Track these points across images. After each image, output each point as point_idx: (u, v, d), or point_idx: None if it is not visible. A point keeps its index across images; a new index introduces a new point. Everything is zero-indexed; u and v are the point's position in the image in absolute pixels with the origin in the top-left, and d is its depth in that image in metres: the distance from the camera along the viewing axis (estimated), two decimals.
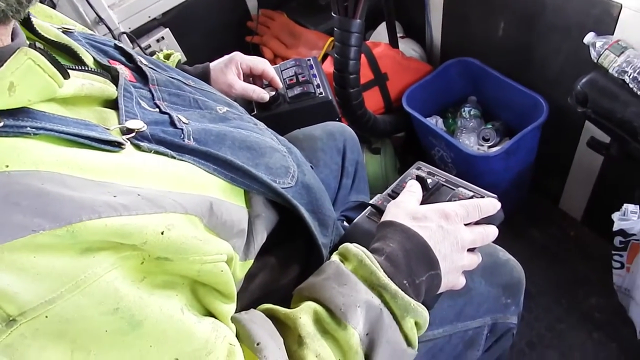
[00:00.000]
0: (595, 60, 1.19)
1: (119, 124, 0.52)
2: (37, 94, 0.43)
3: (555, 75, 1.37)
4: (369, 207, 0.75)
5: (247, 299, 0.66)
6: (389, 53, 1.56)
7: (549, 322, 1.41)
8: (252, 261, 0.62)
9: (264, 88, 0.98)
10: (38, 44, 0.46)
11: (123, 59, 0.67)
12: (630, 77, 1.14)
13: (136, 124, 0.52)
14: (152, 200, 0.44)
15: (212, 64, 0.96)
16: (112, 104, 0.56)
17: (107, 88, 0.56)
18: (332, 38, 1.60)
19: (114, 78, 0.60)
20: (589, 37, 1.19)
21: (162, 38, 1.56)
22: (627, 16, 1.13)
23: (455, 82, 1.60)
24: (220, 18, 1.70)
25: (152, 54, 1.53)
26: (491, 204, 0.66)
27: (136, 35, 1.51)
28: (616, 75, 1.16)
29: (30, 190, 0.37)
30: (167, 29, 1.56)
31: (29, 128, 0.41)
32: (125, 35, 1.47)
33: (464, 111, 1.58)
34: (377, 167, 1.63)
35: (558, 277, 1.49)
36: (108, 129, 0.50)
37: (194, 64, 0.99)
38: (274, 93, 0.97)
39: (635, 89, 1.14)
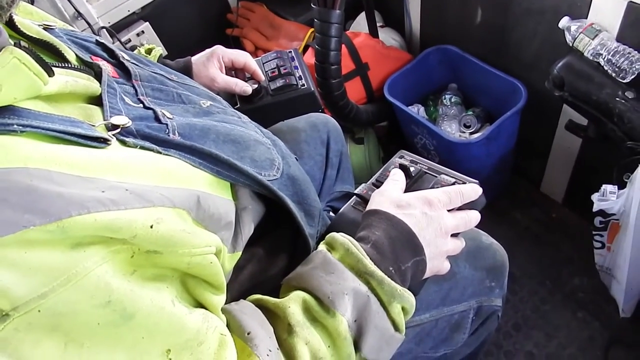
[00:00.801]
0: (571, 44, 1.21)
1: (104, 120, 0.52)
2: (23, 92, 0.43)
3: (532, 59, 1.39)
4: (354, 196, 0.76)
5: (237, 290, 0.66)
6: (369, 43, 1.56)
7: (534, 304, 1.45)
8: (240, 253, 0.63)
9: (246, 81, 0.98)
10: (23, 43, 0.46)
11: (105, 54, 0.67)
12: (605, 59, 1.16)
13: (121, 119, 0.53)
14: (141, 195, 0.44)
15: (194, 58, 0.96)
16: (96, 101, 0.56)
17: (90, 85, 0.56)
18: (312, 29, 1.61)
19: (97, 74, 0.60)
20: (564, 21, 1.21)
21: (142, 32, 1.55)
22: (600, 1, 1.15)
23: (435, 70, 1.62)
24: (200, 11, 1.70)
25: (132, 48, 1.51)
26: (473, 190, 0.68)
27: (116, 29, 1.50)
28: (591, 58, 1.18)
29: (19, 187, 0.38)
30: (147, 22, 1.55)
31: (15, 126, 0.41)
32: (105, 29, 1.46)
33: (445, 99, 1.60)
34: (361, 157, 1.64)
35: (541, 259, 1.53)
36: (93, 126, 0.50)
37: (175, 57, 0.99)
38: (256, 86, 0.97)
39: (609, 71, 1.16)
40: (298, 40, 1.63)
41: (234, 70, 1.01)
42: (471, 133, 1.54)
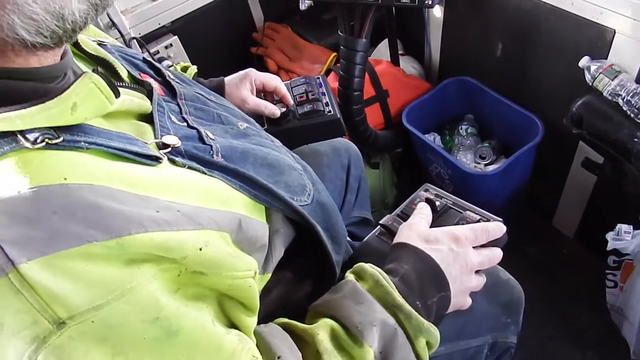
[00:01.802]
0: (590, 83, 1.23)
1: (155, 138, 0.55)
2: (93, 112, 0.46)
3: (550, 95, 1.41)
4: (379, 226, 0.78)
5: (263, 312, 0.67)
6: (390, 70, 1.59)
7: (542, 340, 1.44)
8: (269, 275, 0.65)
9: (275, 104, 1.00)
10: (100, 69, 0.48)
11: (152, 72, 0.70)
12: (624, 100, 1.18)
13: (172, 139, 0.55)
14: (191, 217, 0.46)
15: (227, 79, 0.99)
16: (146, 118, 0.58)
17: (143, 103, 0.58)
18: (334, 53, 1.64)
19: (148, 92, 0.62)
20: (584, 61, 1.24)
21: (170, 45, 1.59)
22: (621, 41, 1.18)
23: (453, 100, 1.64)
24: (227, 28, 1.74)
25: (160, 60, 1.55)
26: (498, 228, 0.69)
27: (145, 40, 1.54)
28: (610, 98, 1.21)
29: (85, 203, 0.40)
30: (176, 36, 1.59)
31: (82, 143, 0.44)
32: (135, 40, 1.50)
33: (461, 129, 1.62)
34: (376, 182, 1.66)
35: (550, 293, 1.53)
36: (146, 143, 0.52)
37: (200, 71, 1.02)
38: (284, 109, 0.99)
39: (628, 112, 1.18)
40: (320, 63, 1.66)
41: (263, 92, 1.03)
42: (486, 164, 1.56)
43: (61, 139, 0.42)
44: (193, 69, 0.99)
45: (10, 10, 0.41)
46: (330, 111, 1.02)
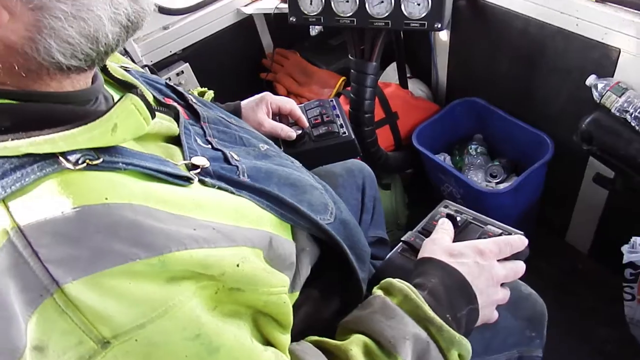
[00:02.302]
0: (598, 101, 1.25)
1: (184, 160, 0.56)
2: (131, 133, 0.48)
3: (559, 113, 1.43)
4: (401, 243, 0.79)
5: (292, 331, 0.68)
6: (399, 93, 1.62)
7: (563, 355, 1.43)
8: (297, 293, 0.65)
9: (290, 126, 1.02)
10: (139, 91, 0.50)
11: (175, 96, 0.72)
12: (632, 116, 1.20)
13: (201, 160, 0.57)
14: (226, 235, 0.48)
15: (243, 103, 1.01)
16: (174, 140, 0.60)
17: (171, 126, 0.60)
18: (343, 77, 1.67)
19: (175, 115, 0.64)
20: (591, 79, 1.26)
21: (182, 72, 1.62)
22: (626, 59, 1.21)
23: (462, 120, 1.67)
24: (237, 55, 1.78)
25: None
26: (520, 241, 0.70)
27: (157, 68, 1.57)
28: (618, 114, 1.23)
29: (126, 221, 0.41)
30: (187, 63, 1.63)
31: (120, 163, 0.45)
32: (147, 67, 1.53)
33: (471, 148, 1.64)
34: (388, 203, 1.67)
35: (569, 309, 1.52)
36: (176, 165, 0.54)
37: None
38: (300, 131, 1.01)
39: (637, 127, 1.20)
40: (329, 87, 1.69)
41: (278, 115, 1.05)
42: (497, 183, 1.57)
43: (101, 160, 0.44)
44: (210, 94, 1.01)
45: (47, 35, 0.43)
46: (344, 132, 1.04)
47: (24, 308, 0.38)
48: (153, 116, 0.50)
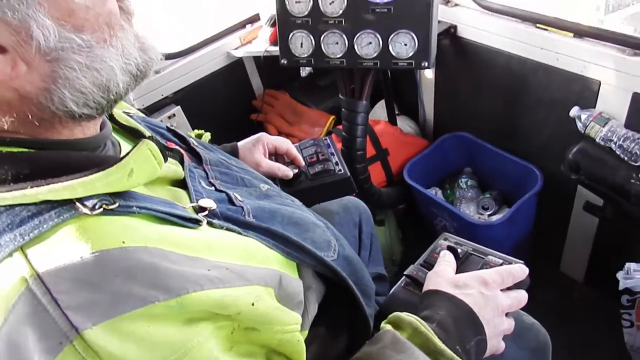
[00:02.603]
0: (582, 131, 1.29)
1: (191, 202, 0.57)
2: (146, 177, 0.49)
3: (545, 144, 1.47)
4: (404, 277, 0.79)
5: None
6: (388, 130, 1.66)
7: None
8: (306, 332, 0.65)
9: (287, 166, 1.04)
10: (154, 135, 0.51)
11: (176, 140, 0.73)
12: (617, 144, 1.24)
13: (208, 202, 0.57)
14: (240, 274, 0.48)
15: (240, 143, 1.03)
16: (179, 183, 0.61)
17: (177, 169, 0.61)
18: (333, 116, 1.70)
19: (180, 159, 0.65)
20: (574, 111, 1.30)
21: (174, 115, 1.64)
22: (606, 90, 1.25)
23: (451, 155, 1.70)
24: (228, 97, 1.80)
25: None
26: (521, 270, 0.71)
27: (149, 111, 1.59)
28: (603, 143, 1.26)
29: (143, 264, 0.42)
30: (178, 106, 1.65)
31: (135, 207, 0.46)
32: (139, 111, 1.55)
33: (461, 182, 1.66)
34: (382, 239, 1.67)
35: (568, 338, 1.51)
36: (184, 207, 0.54)
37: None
38: (297, 170, 1.03)
39: (622, 155, 1.23)
40: (319, 126, 1.72)
41: (274, 155, 1.07)
42: (490, 215, 1.59)
43: (117, 204, 0.45)
44: (207, 136, 1.02)
45: (61, 85, 0.44)
46: (340, 170, 1.06)
47: (43, 357, 0.37)
48: (165, 160, 0.51)
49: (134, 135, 0.64)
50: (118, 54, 0.47)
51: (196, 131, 1.04)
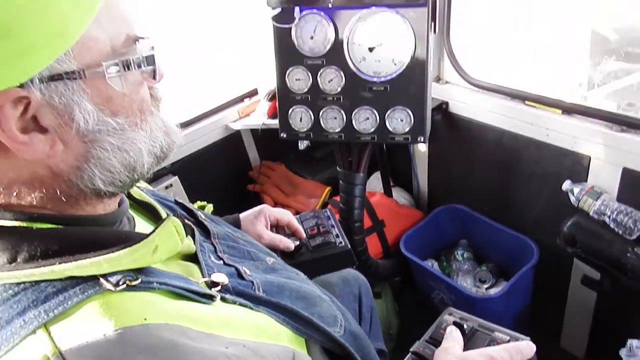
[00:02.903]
0: (576, 205, 1.32)
1: (203, 277, 0.57)
2: (168, 253, 0.50)
3: (540, 217, 1.49)
4: (410, 354, 0.77)
5: None
6: (384, 202, 1.68)
7: None
8: None
9: (288, 237, 1.04)
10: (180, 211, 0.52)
11: (185, 213, 0.73)
12: (610, 218, 1.26)
13: (220, 277, 0.57)
14: (255, 351, 0.47)
15: (242, 215, 1.03)
16: (190, 258, 0.61)
17: (189, 244, 0.61)
18: (329, 187, 1.72)
19: (191, 233, 0.65)
20: (567, 185, 1.33)
21: (171, 185, 1.65)
22: (597, 165, 1.29)
23: (446, 227, 1.71)
24: (224, 168, 1.83)
25: None
26: (529, 347, 0.70)
27: (147, 181, 1.58)
28: (597, 217, 1.29)
29: (164, 342, 0.42)
30: (176, 176, 1.66)
31: (155, 283, 0.47)
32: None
33: (457, 254, 1.67)
34: (379, 312, 1.64)
35: None
36: (198, 282, 0.54)
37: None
38: (298, 242, 1.02)
39: (616, 229, 1.25)
40: (316, 197, 1.73)
41: (275, 227, 1.07)
42: (487, 288, 1.58)
43: (139, 280, 0.45)
44: (210, 208, 1.03)
45: (93, 164, 0.46)
46: (341, 242, 1.06)
47: None
48: (186, 236, 0.52)
49: (146, 210, 0.65)
50: (147, 136, 0.50)
51: (199, 203, 1.05)
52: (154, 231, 0.47)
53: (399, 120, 1.28)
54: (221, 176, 1.82)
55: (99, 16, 0.44)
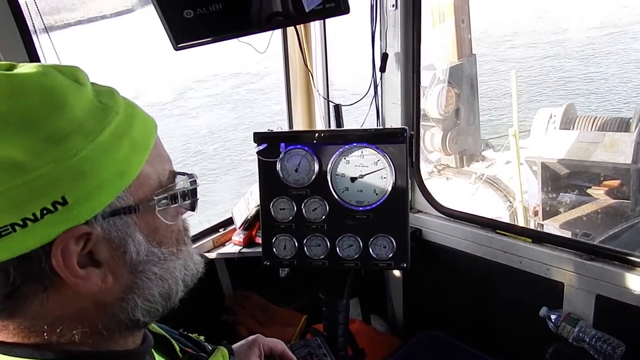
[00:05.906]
0: (554, 331, 1.34)
1: None
2: None
3: (520, 343, 1.50)
4: None
5: None
6: (364, 329, 1.66)
7: None
8: None
9: None
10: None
11: (189, 343, 0.72)
12: (589, 344, 1.28)
13: None
14: None
15: (235, 346, 1.00)
16: None
17: None
18: (305, 316, 1.69)
19: None
20: (543, 311, 1.37)
21: None
22: (571, 292, 1.34)
23: (427, 354, 1.68)
24: (197, 298, 1.75)
25: None
26: None
27: None
28: (576, 344, 1.31)
29: None
30: None
31: None
32: None
33: None
34: None
35: None
36: None
37: None
38: None
39: (596, 356, 1.27)
40: (292, 327, 1.68)
41: (268, 357, 1.03)
42: None
43: None
44: (201, 339, 0.99)
45: (136, 294, 0.48)
46: None
47: None
48: None
49: (161, 343, 0.64)
50: (182, 265, 0.53)
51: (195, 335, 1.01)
52: None
53: (382, 247, 1.32)
54: (194, 306, 1.75)
55: (149, 155, 0.49)
